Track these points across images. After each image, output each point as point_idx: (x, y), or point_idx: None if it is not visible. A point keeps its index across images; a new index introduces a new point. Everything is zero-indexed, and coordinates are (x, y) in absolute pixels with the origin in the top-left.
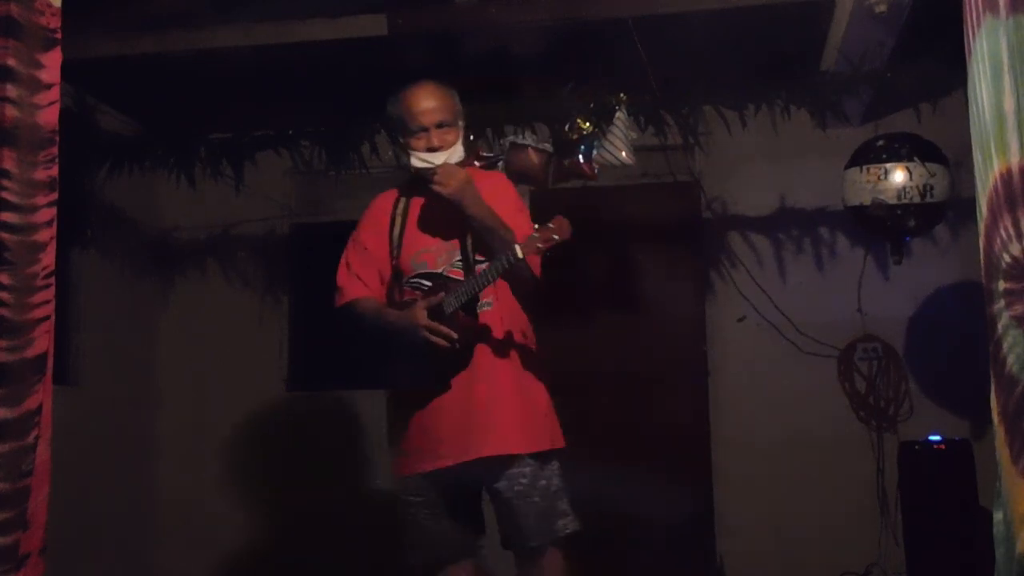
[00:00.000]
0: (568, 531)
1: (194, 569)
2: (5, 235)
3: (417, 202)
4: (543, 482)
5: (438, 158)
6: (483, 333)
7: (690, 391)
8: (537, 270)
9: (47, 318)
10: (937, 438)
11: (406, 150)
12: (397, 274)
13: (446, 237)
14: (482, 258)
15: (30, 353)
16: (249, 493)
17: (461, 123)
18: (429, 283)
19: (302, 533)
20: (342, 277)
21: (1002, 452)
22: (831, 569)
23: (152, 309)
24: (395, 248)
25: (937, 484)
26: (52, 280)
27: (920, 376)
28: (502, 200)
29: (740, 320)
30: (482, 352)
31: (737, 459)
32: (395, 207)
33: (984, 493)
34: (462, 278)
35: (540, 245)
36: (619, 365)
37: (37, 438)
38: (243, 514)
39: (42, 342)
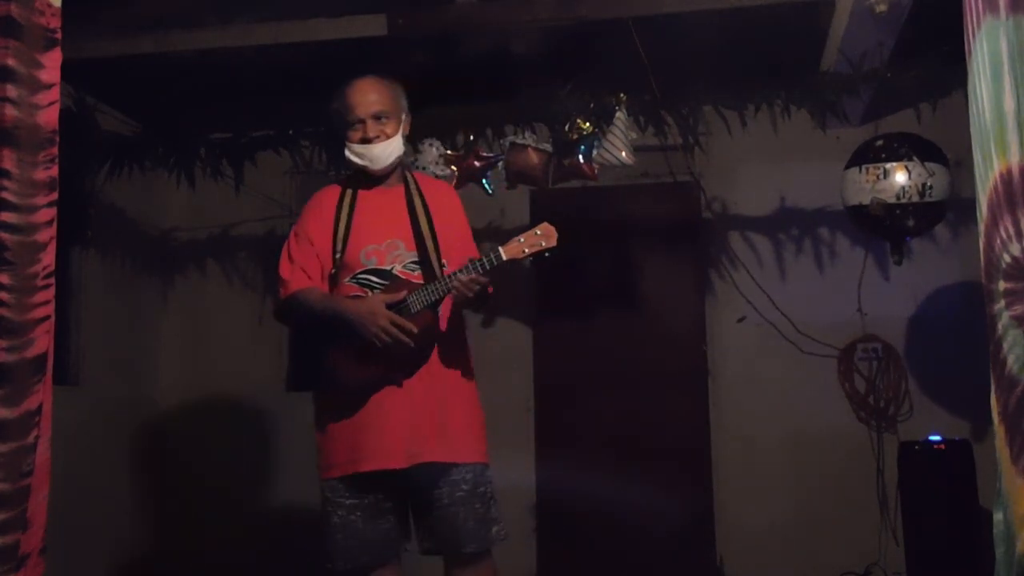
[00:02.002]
0: (501, 538)
1: (194, 569)
2: (5, 235)
3: (364, 197)
4: (481, 489)
5: (372, 150)
6: (440, 336)
7: (690, 391)
8: (490, 287)
9: (47, 318)
10: (937, 438)
11: (345, 144)
12: (341, 269)
13: (394, 235)
14: (445, 261)
15: (30, 353)
16: (249, 493)
17: (404, 117)
18: (379, 280)
19: (302, 532)
20: (285, 269)
21: (1002, 452)
22: (831, 569)
23: (152, 309)
24: (340, 242)
25: (937, 484)
26: (52, 280)
27: (920, 376)
28: (458, 217)
29: (740, 320)
30: (439, 358)
31: (737, 459)
32: (340, 200)
33: (984, 493)
34: (412, 279)
35: (526, 250)
36: (619, 365)
37: (37, 438)
38: (243, 514)
39: (42, 342)
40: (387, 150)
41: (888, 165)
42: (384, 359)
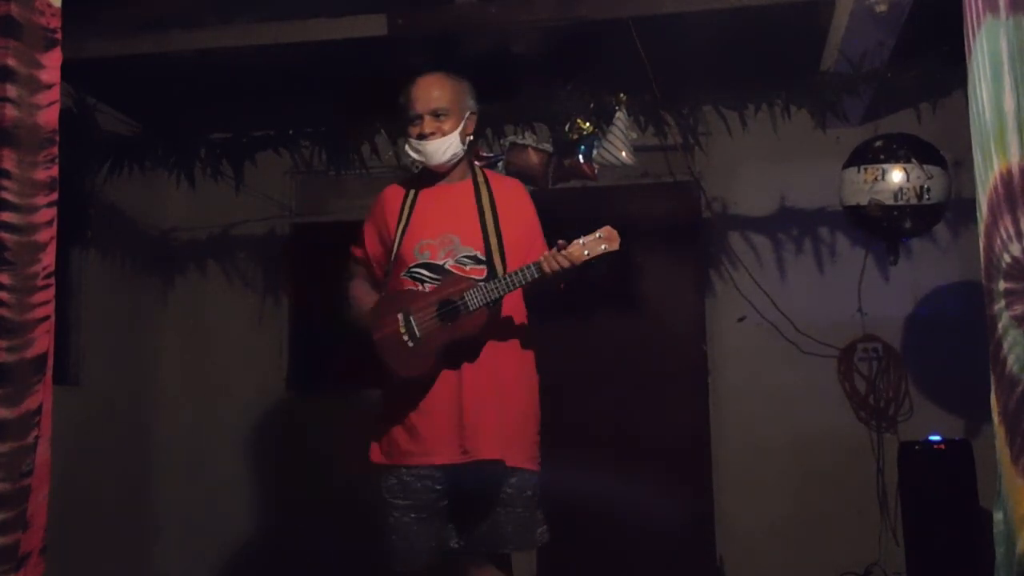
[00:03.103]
0: (544, 540)
1: (194, 569)
2: (5, 235)
3: (426, 192)
4: (528, 492)
5: (427, 146)
6: (504, 335)
7: (690, 391)
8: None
9: (47, 318)
10: (937, 438)
11: (405, 138)
12: (397, 262)
13: (449, 230)
14: (509, 260)
15: (30, 353)
16: (249, 493)
17: (469, 114)
18: (430, 274)
19: (302, 532)
20: (356, 250)
21: (1002, 452)
22: (831, 569)
23: (152, 309)
24: (398, 236)
25: (937, 484)
26: (52, 280)
27: (920, 376)
28: (527, 213)
29: (740, 320)
30: (495, 354)
31: (737, 459)
32: (405, 196)
33: (984, 493)
34: (464, 274)
35: (587, 253)
36: (619, 365)
37: (37, 438)
38: (243, 514)
39: (42, 342)
40: (442, 147)
41: (887, 166)
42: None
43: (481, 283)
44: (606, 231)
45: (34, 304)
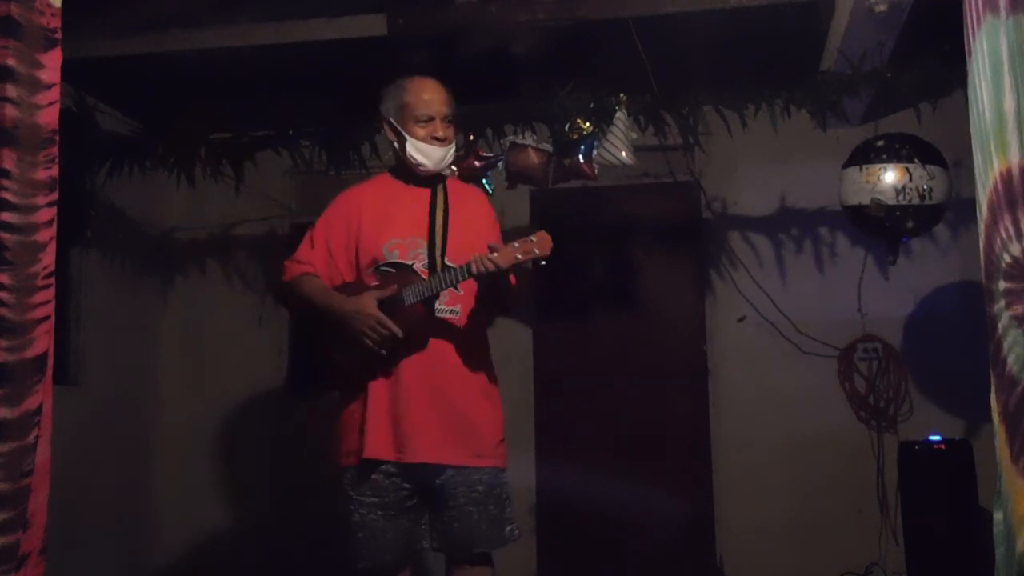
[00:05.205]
0: (515, 538)
1: (193, 569)
2: (5, 235)
3: (395, 193)
4: (497, 490)
5: (437, 151)
6: (454, 336)
7: (690, 391)
8: (515, 291)
9: (47, 318)
10: (937, 438)
11: (403, 138)
12: (365, 259)
13: (417, 233)
14: (451, 262)
15: (30, 353)
16: (249, 493)
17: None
18: (397, 273)
19: (302, 533)
20: (302, 252)
21: (1002, 452)
22: (831, 569)
23: (152, 309)
24: (368, 232)
25: (937, 484)
26: (52, 280)
27: (920, 376)
28: (485, 219)
29: (740, 320)
30: (454, 356)
31: (737, 459)
32: (374, 195)
33: (984, 493)
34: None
35: (519, 256)
36: (619, 365)
37: (37, 438)
38: (242, 514)
39: (42, 342)
40: (448, 153)
41: (888, 166)
42: (377, 352)
43: (418, 280)
44: (539, 236)
45: (34, 304)
